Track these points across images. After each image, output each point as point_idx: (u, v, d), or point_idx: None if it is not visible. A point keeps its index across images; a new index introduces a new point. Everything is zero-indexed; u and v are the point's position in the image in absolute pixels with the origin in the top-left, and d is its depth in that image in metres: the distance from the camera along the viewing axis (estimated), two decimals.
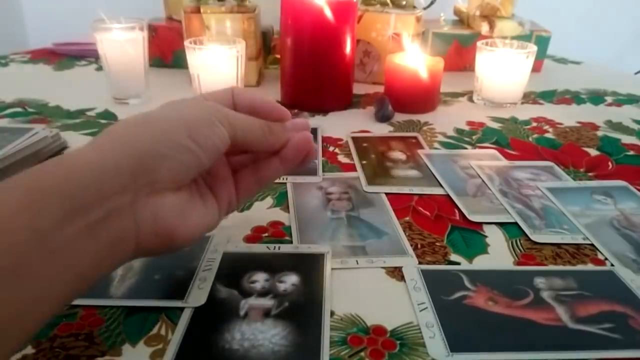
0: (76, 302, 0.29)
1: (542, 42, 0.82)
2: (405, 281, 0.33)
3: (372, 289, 0.33)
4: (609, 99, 0.73)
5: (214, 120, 0.27)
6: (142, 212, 0.25)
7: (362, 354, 0.27)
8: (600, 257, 0.37)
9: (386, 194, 0.44)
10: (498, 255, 0.37)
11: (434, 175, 0.48)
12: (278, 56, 0.79)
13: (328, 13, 0.59)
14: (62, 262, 0.21)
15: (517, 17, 0.83)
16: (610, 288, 0.33)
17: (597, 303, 0.31)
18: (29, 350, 0.27)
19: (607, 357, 0.28)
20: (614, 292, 0.33)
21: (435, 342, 0.28)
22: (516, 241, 0.38)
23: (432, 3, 0.81)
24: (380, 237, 0.38)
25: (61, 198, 0.21)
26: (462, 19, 0.88)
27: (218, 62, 0.61)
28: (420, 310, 0.30)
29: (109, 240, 0.23)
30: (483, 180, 0.47)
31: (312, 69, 0.63)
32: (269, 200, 0.43)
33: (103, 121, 0.60)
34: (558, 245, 0.38)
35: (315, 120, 0.62)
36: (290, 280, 0.32)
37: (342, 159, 0.52)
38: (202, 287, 0.32)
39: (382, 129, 0.60)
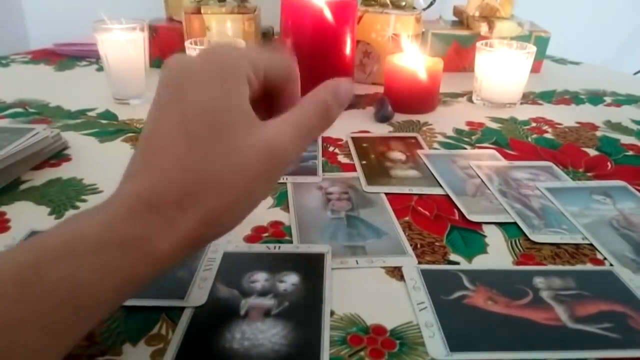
0: None
1: (541, 43, 0.82)
2: (404, 281, 0.33)
3: (372, 288, 0.33)
4: (608, 99, 0.74)
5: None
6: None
7: (362, 353, 0.28)
8: (599, 256, 0.37)
9: (386, 194, 0.44)
10: (497, 255, 0.37)
11: (433, 176, 0.48)
12: None
13: (328, 14, 0.59)
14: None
15: (516, 18, 0.83)
16: (609, 288, 0.33)
17: (596, 303, 0.32)
18: None
19: (606, 356, 0.28)
20: (613, 292, 0.33)
21: (434, 341, 0.28)
22: (515, 241, 0.38)
23: (431, 4, 0.81)
24: (380, 237, 0.38)
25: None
26: (461, 20, 0.88)
27: None
28: (420, 310, 0.31)
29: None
30: (482, 181, 0.47)
31: (312, 70, 0.62)
32: (269, 200, 0.43)
33: (104, 121, 0.60)
34: (557, 245, 0.38)
35: None
36: (290, 280, 0.33)
37: (342, 159, 0.52)
38: (203, 286, 0.32)
39: (381, 129, 0.60)
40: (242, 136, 0.24)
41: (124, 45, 0.63)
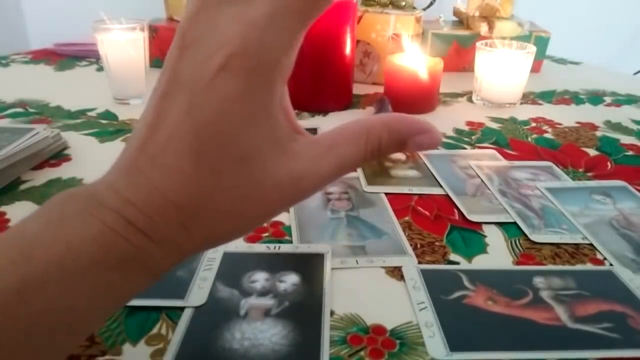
0: None
1: (541, 43, 0.82)
2: (404, 281, 0.33)
3: (372, 288, 0.33)
4: (608, 99, 0.74)
5: None
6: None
7: (362, 353, 0.28)
8: (599, 256, 0.37)
9: (386, 194, 0.44)
10: (497, 255, 0.37)
11: (433, 175, 0.48)
12: None
13: (328, 14, 0.59)
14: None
15: (516, 18, 0.83)
16: (609, 288, 0.33)
17: (596, 302, 0.32)
18: None
19: (606, 356, 0.28)
20: (613, 292, 0.33)
21: (434, 341, 0.28)
22: (515, 241, 0.38)
23: (431, 4, 0.81)
24: (379, 237, 0.38)
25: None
26: (461, 20, 0.88)
27: None
28: (420, 310, 0.31)
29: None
30: (482, 180, 0.47)
31: (312, 70, 0.63)
32: None
33: (104, 121, 0.60)
34: (557, 245, 0.38)
35: (315, 121, 0.62)
36: (290, 280, 0.33)
37: None
38: (203, 286, 0.32)
39: None
40: (268, 169, 0.21)
41: (124, 45, 0.63)
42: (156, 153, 0.20)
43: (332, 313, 0.30)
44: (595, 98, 0.74)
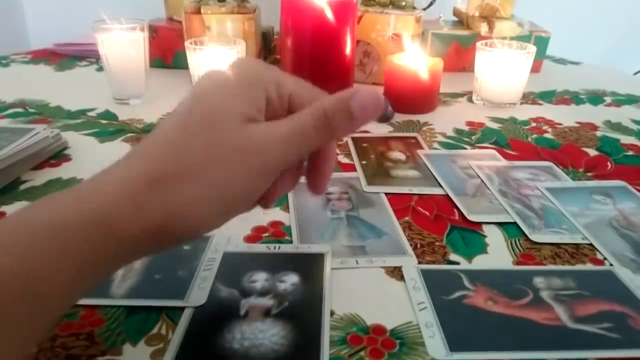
0: None
1: (541, 43, 0.82)
2: (404, 281, 0.33)
3: (372, 288, 0.33)
4: (608, 99, 0.74)
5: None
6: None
7: (362, 353, 0.28)
8: (599, 256, 0.37)
9: (386, 194, 0.44)
10: (497, 255, 0.37)
11: (433, 176, 0.48)
12: (278, 57, 0.79)
13: (329, 14, 0.59)
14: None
15: (516, 18, 0.83)
16: (609, 288, 0.33)
17: (596, 303, 0.32)
18: None
19: (606, 356, 0.28)
20: (613, 292, 0.33)
21: (434, 341, 0.28)
22: (515, 241, 0.38)
23: (431, 4, 0.81)
24: (380, 237, 0.38)
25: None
26: (461, 20, 0.88)
27: (218, 63, 0.61)
28: (420, 310, 0.31)
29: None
30: (482, 181, 0.47)
31: (312, 70, 0.63)
32: None
33: (104, 121, 0.60)
34: (557, 245, 0.38)
35: None
36: (290, 280, 0.33)
37: (342, 159, 0.52)
38: (203, 286, 0.32)
39: (381, 129, 0.60)
40: (228, 133, 0.24)
41: (124, 45, 0.63)
42: (147, 142, 0.25)
43: (332, 313, 0.30)
44: (595, 98, 0.74)
